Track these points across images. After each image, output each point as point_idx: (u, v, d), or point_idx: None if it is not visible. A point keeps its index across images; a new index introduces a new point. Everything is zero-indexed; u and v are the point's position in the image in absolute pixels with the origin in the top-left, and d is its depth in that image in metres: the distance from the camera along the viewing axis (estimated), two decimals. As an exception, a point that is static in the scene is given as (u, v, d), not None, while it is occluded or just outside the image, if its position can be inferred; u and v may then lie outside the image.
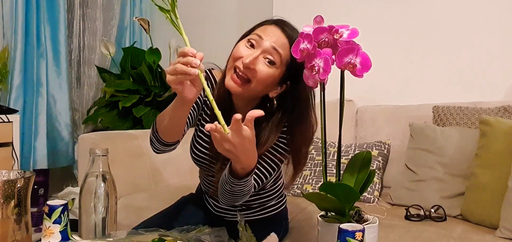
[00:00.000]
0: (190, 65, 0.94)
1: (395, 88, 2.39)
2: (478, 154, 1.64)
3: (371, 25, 2.43)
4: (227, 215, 1.43)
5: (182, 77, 0.96)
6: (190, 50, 0.96)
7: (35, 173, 1.00)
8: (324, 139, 1.09)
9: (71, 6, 3.00)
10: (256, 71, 1.14)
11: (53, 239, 0.97)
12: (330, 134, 1.39)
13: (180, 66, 0.95)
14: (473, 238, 1.44)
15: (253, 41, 1.16)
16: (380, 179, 2.04)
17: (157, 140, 1.20)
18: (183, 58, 0.96)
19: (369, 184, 1.08)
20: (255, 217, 1.42)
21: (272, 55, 1.15)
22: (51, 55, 2.75)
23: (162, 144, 1.21)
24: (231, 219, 1.41)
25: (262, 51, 1.14)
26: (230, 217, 1.42)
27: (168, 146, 1.22)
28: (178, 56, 0.98)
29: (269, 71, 1.15)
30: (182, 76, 0.96)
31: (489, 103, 1.95)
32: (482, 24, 2.22)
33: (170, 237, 0.99)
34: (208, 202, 1.46)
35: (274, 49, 1.14)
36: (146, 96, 2.77)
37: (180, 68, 0.95)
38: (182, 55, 0.96)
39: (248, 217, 1.40)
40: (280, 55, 1.15)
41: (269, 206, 1.44)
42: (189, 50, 0.96)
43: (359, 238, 0.85)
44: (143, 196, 1.95)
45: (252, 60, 1.13)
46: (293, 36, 1.15)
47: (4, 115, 2.19)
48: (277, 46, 1.15)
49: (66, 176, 2.97)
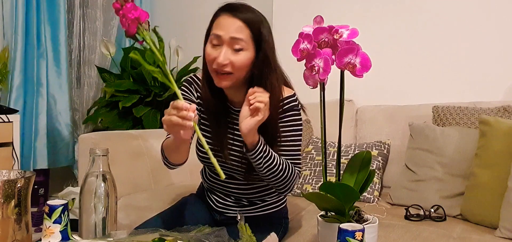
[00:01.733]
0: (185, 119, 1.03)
1: (395, 88, 2.39)
2: (478, 154, 1.65)
3: (371, 25, 2.43)
4: (228, 211, 1.44)
5: (179, 128, 1.05)
6: (184, 105, 1.03)
7: (35, 173, 1.00)
8: (324, 139, 1.09)
9: (71, 6, 3.00)
10: (231, 63, 1.23)
11: (53, 239, 0.97)
12: (330, 134, 1.39)
13: (175, 119, 1.04)
14: (473, 238, 1.44)
15: (214, 42, 1.24)
16: (380, 179, 2.04)
17: (169, 165, 1.34)
18: (177, 112, 1.04)
19: (369, 184, 1.09)
20: (256, 213, 1.44)
21: (235, 43, 1.23)
22: (51, 55, 2.75)
23: (175, 166, 1.34)
24: (232, 215, 1.43)
25: (225, 46, 1.23)
26: (231, 213, 1.43)
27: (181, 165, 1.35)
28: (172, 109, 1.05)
29: (242, 57, 1.24)
30: (179, 127, 1.05)
31: (488, 103, 1.95)
32: (482, 24, 2.22)
33: (170, 237, 0.99)
34: (210, 198, 1.48)
35: (234, 38, 1.22)
36: (146, 96, 2.77)
37: (175, 121, 1.04)
38: (175, 109, 1.04)
39: (250, 213, 1.42)
40: (241, 39, 1.23)
41: (270, 202, 1.46)
42: (182, 105, 1.03)
43: (359, 238, 0.85)
44: (143, 196, 1.95)
45: (223, 59, 1.22)
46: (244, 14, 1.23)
47: (4, 115, 2.20)
48: (235, 34, 1.22)
49: (66, 176, 2.98)
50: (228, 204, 1.45)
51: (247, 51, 1.24)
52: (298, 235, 1.51)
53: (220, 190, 1.45)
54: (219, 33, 1.23)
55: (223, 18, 1.24)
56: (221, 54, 1.22)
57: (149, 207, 1.78)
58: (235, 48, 1.23)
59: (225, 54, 1.22)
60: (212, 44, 1.25)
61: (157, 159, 2.14)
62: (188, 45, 2.98)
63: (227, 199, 1.45)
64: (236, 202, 1.44)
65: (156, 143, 2.19)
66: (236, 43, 1.22)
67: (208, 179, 1.48)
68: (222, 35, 1.22)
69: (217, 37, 1.23)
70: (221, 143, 1.34)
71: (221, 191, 1.45)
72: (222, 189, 1.45)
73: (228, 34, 1.22)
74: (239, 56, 1.23)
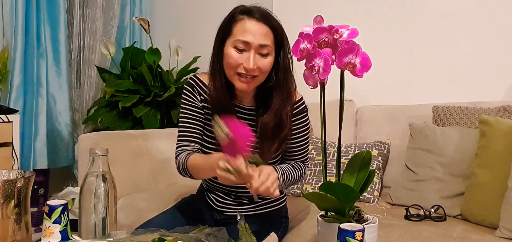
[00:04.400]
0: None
1: (395, 88, 2.39)
2: (478, 154, 1.64)
3: (371, 25, 2.43)
4: (228, 210, 1.45)
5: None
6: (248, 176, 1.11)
7: (35, 173, 1.00)
8: (324, 139, 1.09)
9: (71, 6, 3.00)
10: (259, 68, 1.27)
11: (53, 239, 0.97)
12: (330, 134, 1.39)
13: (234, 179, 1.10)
14: (473, 238, 1.44)
15: (240, 47, 1.26)
16: (380, 179, 2.04)
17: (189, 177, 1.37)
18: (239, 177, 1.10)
19: (369, 184, 1.09)
20: (256, 212, 1.45)
21: (263, 49, 1.27)
22: (51, 55, 2.74)
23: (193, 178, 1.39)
24: (232, 213, 1.44)
25: (253, 51, 1.26)
26: (231, 211, 1.44)
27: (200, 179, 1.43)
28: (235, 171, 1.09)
29: (268, 61, 1.29)
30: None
31: (489, 103, 1.95)
32: (482, 24, 2.22)
33: (170, 237, 0.99)
34: (210, 198, 1.49)
35: (263, 45, 1.26)
36: (146, 96, 2.77)
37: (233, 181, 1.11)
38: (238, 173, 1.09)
39: (250, 211, 1.44)
40: (268, 45, 1.27)
41: (270, 201, 1.47)
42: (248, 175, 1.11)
43: (359, 238, 0.85)
44: (143, 196, 1.95)
45: (252, 65, 1.25)
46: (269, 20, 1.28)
47: (4, 115, 2.19)
48: (264, 41, 1.26)
49: (66, 176, 2.97)
50: (228, 202, 1.45)
51: (272, 56, 1.29)
52: (298, 235, 1.51)
53: (220, 189, 1.46)
54: (248, 39, 1.25)
55: (250, 24, 1.26)
56: (251, 60, 1.25)
57: (149, 207, 1.78)
58: (261, 53, 1.27)
59: (254, 60, 1.25)
60: (238, 49, 1.26)
61: (157, 159, 2.15)
62: (188, 45, 2.98)
63: (227, 198, 1.45)
64: (236, 201, 1.45)
65: (156, 143, 2.19)
66: (263, 50, 1.26)
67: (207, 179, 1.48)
68: (251, 42, 1.25)
69: (245, 43, 1.25)
70: None
71: (221, 190, 1.46)
72: (222, 188, 1.45)
73: (258, 41, 1.25)
74: (265, 61, 1.28)
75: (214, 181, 1.45)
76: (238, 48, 1.26)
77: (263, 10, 1.29)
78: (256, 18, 1.26)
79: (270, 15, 1.29)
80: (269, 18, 1.28)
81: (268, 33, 1.27)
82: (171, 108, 2.77)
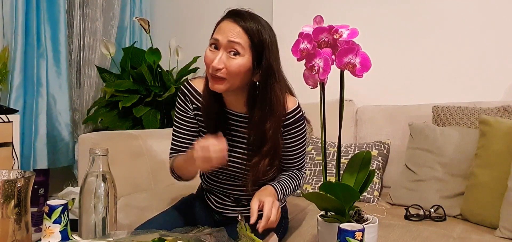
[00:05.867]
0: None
1: (395, 88, 2.39)
2: (478, 154, 1.65)
3: (371, 25, 2.43)
4: (227, 211, 1.45)
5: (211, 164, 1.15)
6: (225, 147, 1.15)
7: (35, 172, 1.00)
8: (324, 139, 1.09)
9: (71, 6, 3.00)
10: (225, 68, 1.23)
11: (53, 239, 0.97)
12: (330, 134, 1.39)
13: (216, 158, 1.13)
14: (473, 237, 1.44)
15: (214, 44, 1.25)
16: (380, 178, 2.04)
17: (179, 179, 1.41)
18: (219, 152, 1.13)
19: (368, 183, 1.09)
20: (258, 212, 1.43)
21: (233, 47, 1.22)
22: (51, 55, 2.74)
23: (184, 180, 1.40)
24: (231, 215, 1.43)
25: (223, 49, 1.23)
26: (231, 213, 1.44)
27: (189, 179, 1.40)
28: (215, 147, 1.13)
29: (237, 62, 1.22)
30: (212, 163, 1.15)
31: (488, 103, 1.95)
32: (481, 24, 2.22)
33: (170, 237, 0.99)
34: (209, 199, 1.48)
35: (231, 42, 1.22)
36: (146, 96, 2.77)
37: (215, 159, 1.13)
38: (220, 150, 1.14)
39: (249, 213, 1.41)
40: (239, 44, 1.22)
41: None
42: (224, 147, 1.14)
43: (359, 238, 0.85)
44: (143, 196, 1.95)
45: (217, 62, 1.22)
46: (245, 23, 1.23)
47: (4, 115, 2.20)
48: (233, 38, 1.22)
49: (66, 176, 2.97)
50: (227, 204, 1.45)
51: (243, 57, 1.23)
52: (298, 235, 1.51)
53: (219, 191, 1.46)
54: (218, 37, 1.24)
55: (224, 23, 1.25)
56: (216, 58, 1.22)
57: (149, 207, 1.78)
58: (232, 51, 1.22)
59: (220, 58, 1.22)
60: (212, 47, 1.26)
61: (157, 159, 2.15)
62: (188, 45, 2.99)
63: (226, 199, 1.45)
64: (236, 202, 1.45)
65: (156, 143, 2.19)
66: (232, 48, 1.22)
67: (207, 180, 1.48)
68: (220, 39, 1.23)
69: (215, 40, 1.24)
70: None
71: (220, 191, 1.45)
72: (221, 190, 1.45)
73: (226, 38, 1.22)
74: (234, 61, 1.22)
75: (214, 182, 1.45)
76: (212, 47, 1.26)
77: (245, 12, 1.26)
78: (231, 19, 1.24)
79: (249, 17, 1.25)
80: (246, 19, 1.24)
81: (240, 33, 1.22)
82: (171, 108, 2.77)
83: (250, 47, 1.23)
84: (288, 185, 1.36)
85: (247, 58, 1.23)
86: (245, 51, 1.23)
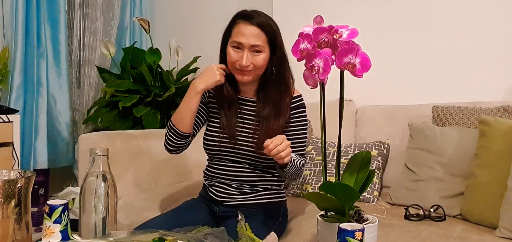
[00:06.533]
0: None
1: (395, 88, 2.39)
2: (478, 154, 1.65)
3: (371, 25, 2.43)
4: (229, 199, 1.52)
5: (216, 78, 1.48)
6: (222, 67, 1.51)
7: (35, 172, 1.00)
8: (324, 139, 1.09)
9: (71, 6, 3.00)
10: (252, 64, 1.46)
11: (53, 239, 0.97)
12: (330, 134, 1.39)
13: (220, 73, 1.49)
14: (473, 237, 1.44)
15: (236, 45, 1.47)
16: (380, 178, 2.04)
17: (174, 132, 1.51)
18: None
19: (368, 183, 1.09)
20: (257, 201, 1.52)
21: (255, 48, 1.45)
22: (52, 55, 2.75)
23: (178, 135, 1.50)
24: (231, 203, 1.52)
25: (246, 50, 1.45)
26: (232, 201, 1.52)
27: (183, 137, 1.51)
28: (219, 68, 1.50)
29: (261, 57, 1.47)
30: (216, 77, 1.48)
31: (488, 103, 1.95)
32: (481, 24, 2.22)
33: (170, 237, 0.99)
34: (211, 191, 1.54)
35: (253, 45, 1.45)
36: (146, 96, 2.77)
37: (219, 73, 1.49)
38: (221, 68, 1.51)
39: (251, 200, 1.51)
40: (260, 44, 1.45)
41: (272, 189, 1.54)
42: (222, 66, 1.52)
43: (359, 237, 0.85)
44: (143, 196, 1.95)
45: (246, 61, 1.45)
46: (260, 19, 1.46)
47: (5, 115, 2.20)
48: (255, 41, 1.45)
49: (66, 176, 2.98)
50: (229, 192, 1.51)
51: (265, 52, 1.47)
52: (298, 235, 1.51)
53: (224, 177, 1.52)
54: (241, 40, 1.45)
55: (244, 27, 1.45)
56: (244, 58, 1.44)
57: (149, 207, 1.78)
58: (254, 50, 1.45)
59: (247, 58, 1.44)
60: (235, 48, 1.47)
61: (157, 159, 2.15)
62: (188, 45, 2.99)
63: (228, 187, 1.51)
64: (238, 189, 1.51)
65: (156, 143, 2.19)
66: (255, 48, 1.45)
67: (211, 170, 1.55)
68: (243, 42, 1.44)
69: (239, 43, 1.45)
70: (232, 129, 1.52)
71: (224, 177, 1.52)
72: (225, 176, 1.52)
73: (249, 42, 1.44)
74: (258, 57, 1.46)
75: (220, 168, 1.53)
76: (235, 48, 1.47)
77: (258, 14, 1.48)
78: (250, 22, 1.45)
79: (262, 18, 1.47)
80: (261, 21, 1.46)
81: (260, 34, 1.45)
82: (171, 108, 2.77)
83: (267, 42, 1.47)
84: (294, 158, 1.46)
85: (267, 51, 1.48)
86: (265, 47, 1.47)
